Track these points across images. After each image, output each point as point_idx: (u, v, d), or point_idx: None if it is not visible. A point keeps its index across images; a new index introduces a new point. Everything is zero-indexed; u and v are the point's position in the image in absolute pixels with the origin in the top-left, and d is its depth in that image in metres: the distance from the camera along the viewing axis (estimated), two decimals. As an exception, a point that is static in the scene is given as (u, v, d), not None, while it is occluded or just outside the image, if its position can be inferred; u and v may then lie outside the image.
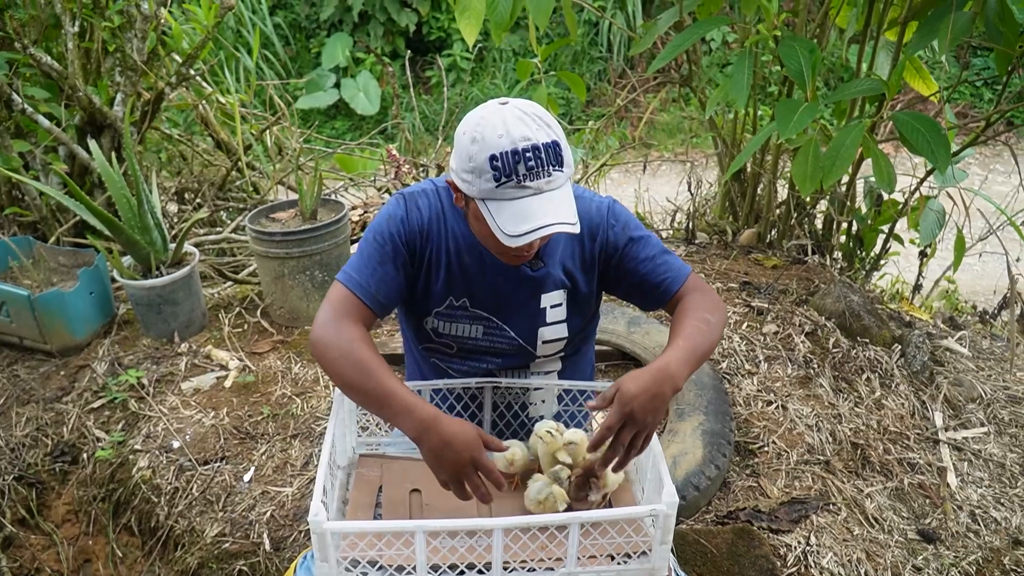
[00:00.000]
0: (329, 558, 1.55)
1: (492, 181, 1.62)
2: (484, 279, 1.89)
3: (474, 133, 1.63)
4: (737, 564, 2.31)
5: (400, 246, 1.84)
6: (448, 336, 1.97)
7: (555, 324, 1.96)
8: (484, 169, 1.62)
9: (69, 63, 3.47)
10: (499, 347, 1.98)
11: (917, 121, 2.80)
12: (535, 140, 1.62)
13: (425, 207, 1.87)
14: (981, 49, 8.20)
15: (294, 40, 9.02)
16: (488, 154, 1.61)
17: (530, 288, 1.91)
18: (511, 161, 1.61)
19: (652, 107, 4.65)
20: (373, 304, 1.81)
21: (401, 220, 1.84)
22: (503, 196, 1.63)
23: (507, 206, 1.63)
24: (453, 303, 1.91)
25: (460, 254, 1.87)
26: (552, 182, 1.64)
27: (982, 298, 4.54)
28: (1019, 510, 2.72)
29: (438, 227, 1.87)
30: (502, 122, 1.62)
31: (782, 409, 2.91)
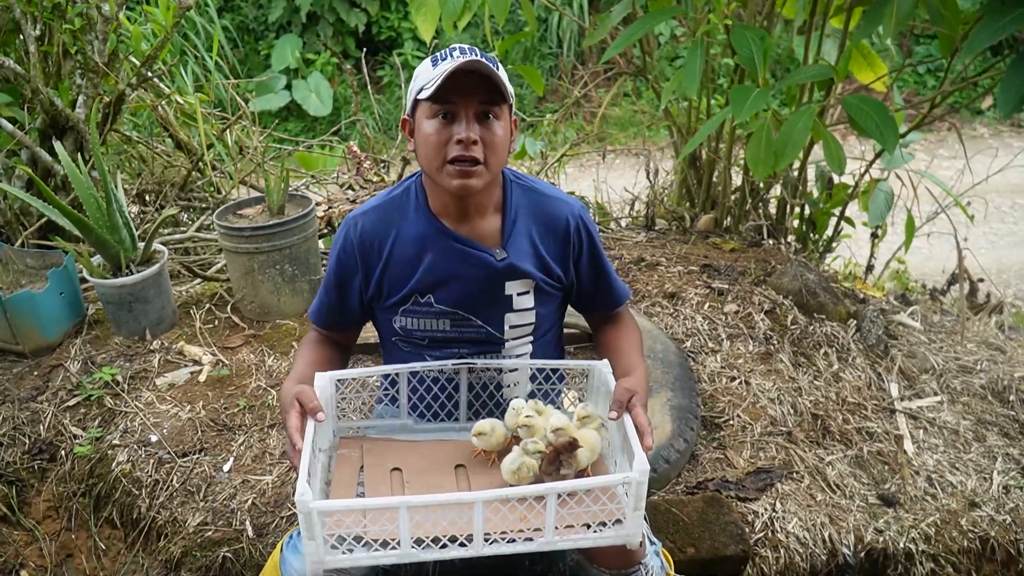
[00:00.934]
0: (316, 536, 1.59)
1: (430, 69, 1.75)
2: (449, 274, 1.94)
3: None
4: (708, 531, 2.40)
5: (352, 267, 1.98)
6: (417, 331, 2.02)
7: (522, 311, 2.02)
8: (426, 68, 1.77)
9: (30, 66, 3.47)
10: (468, 336, 2.03)
11: (865, 104, 2.91)
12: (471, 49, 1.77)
13: (373, 221, 1.97)
14: (924, 37, 8.44)
15: (242, 43, 8.97)
16: (430, 58, 1.78)
17: (493, 277, 1.96)
18: (448, 51, 1.76)
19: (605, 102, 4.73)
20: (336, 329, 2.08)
21: (347, 239, 1.97)
22: (437, 73, 1.73)
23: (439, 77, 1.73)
24: (418, 299, 1.97)
25: (422, 252, 1.94)
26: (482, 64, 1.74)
27: (931, 279, 4.69)
28: (974, 474, 2.84)
29: (394, 227, 1.96)
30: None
31: (745, 384, 3.01)
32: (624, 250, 3.87)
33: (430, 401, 2.10)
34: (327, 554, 1.63)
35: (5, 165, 3.63)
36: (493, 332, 2.02)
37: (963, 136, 3.73)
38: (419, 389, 2.08)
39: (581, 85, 5.17)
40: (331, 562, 1.64)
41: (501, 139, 1.80)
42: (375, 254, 1.94)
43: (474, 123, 1.76)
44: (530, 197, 1.99)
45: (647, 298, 3.42)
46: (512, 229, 1.96)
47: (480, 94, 1.75)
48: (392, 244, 1.93)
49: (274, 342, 3.19)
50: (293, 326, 3.29)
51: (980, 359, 3.39)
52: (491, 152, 1.79)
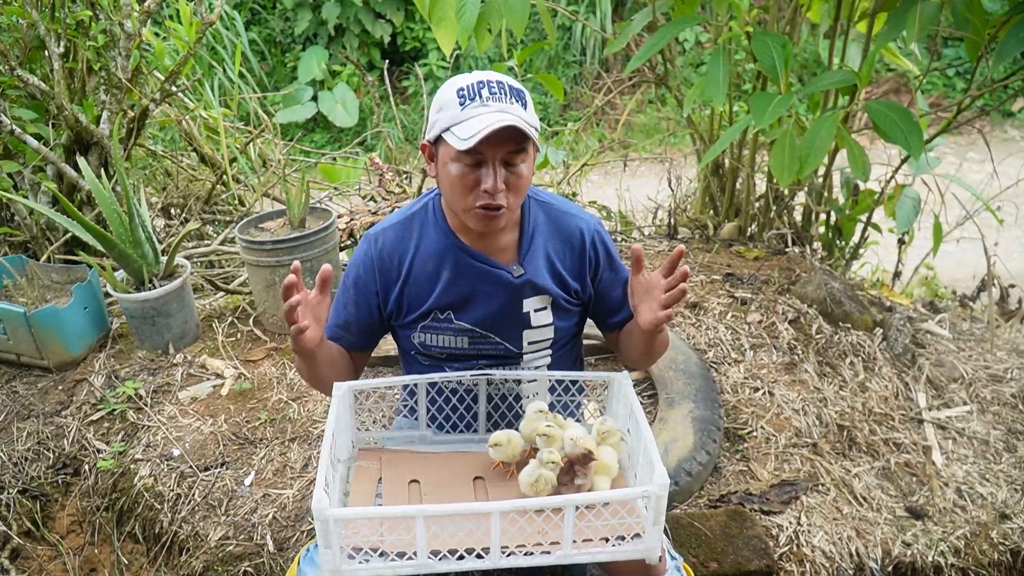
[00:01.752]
0: (332, 545, 1.59)
1: (457, 107, 1.71)
2: (468, 292, 1.95)
3: (446, 84, 1.77)
4: (731, 545, 2.37)
5: (370, 283, 1.96)
6: (436, 348, 2.03)
7: (541, 327, 2.02)
8: (451, 100, 1.72)
9: (55, 83, 3.51)
10: (486, 352, 2.03)
11: (889, 109, 2.87)
12: (500, 79, 1.74)
13: (393, 239, 1.97)
14: (953, 39, 8.35)
15: (270, 55, 9.05)
16: (455, 88, 1.73)
17: (511, 294, 1.96)
18: (475, 88, 1.72)
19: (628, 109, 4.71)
20: (350, 347, 2.02)
21: (366, 255, 1.96)
22: (466, 117, 1.71)
23: (468, 123, 1.71)
24: (438, 316, 1.97)
25: (441, 270, 1.94)
26: (514, 108, 1.73)
27: (961, 285, 4.62)
28: (1004, 485, 2.79)
29: (414, 251, 1.95)
30: (473, 73, 1.76)
31: (769, 395, 2.98)
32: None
33: (449, 412, 2.10)
34: (344, 563, 1.62)
35: (31, 181, 3.67)
36: (511, 348, 2.02)
37: (994, 139, 3.68)
38: (438, 400, 2.08)
39: (604, 93, 5.15)
40: (347, 572, 1.63)
41: (526, 179, 1.81)
42: (394, 271, 1.95)
43: (501, 169, 1.76)
44: (547, 212, 1.99)
45: (669, 308, 3.39)
46: (529, 246, 1.96)
47: (509, 144, 1.74)
48: (411, 261, 1.94)
49: (295, 355, 3.20)
50: (315, 339, 3.29)
51: (1011, 367, 3.33)
52: (515, 194, 1.80)
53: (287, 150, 4.78)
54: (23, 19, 3.57)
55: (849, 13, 3.42)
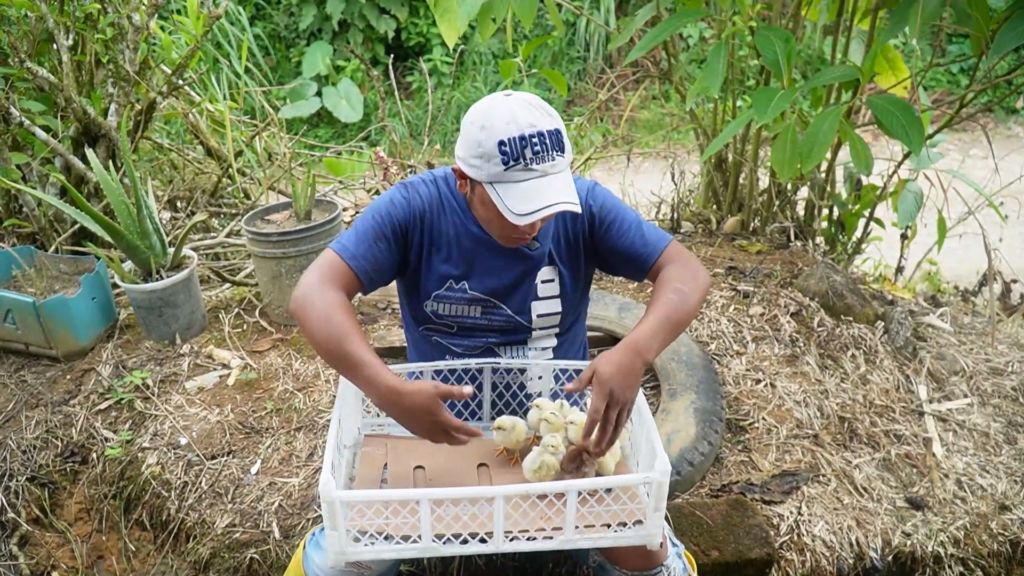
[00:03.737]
0: (338, 527, 1.62)
1: (500, 165, 1.72)
2: (483, 262, 1.98)
3: (482, 121, 1.73)
4: (732, 533, 2.39)
5: (397, 227, 1.93)
6: (448, 317, 2.05)
7: (548, 299, 2.06)
8: (493, 154, 1.71)
9: (63, 76, 3.53)
10: (497, 324, 2.06)
11: (891, 104, 2.89)
12: (540, 127, 1.72)
13: (425, 194, 1.97)
14: (957, 36, 8.35)
15: (274, 50, 9.06)
16: (496, 140, 1.71)
17: (526, 267, 2.00)
18: (518, 146, 1.71)
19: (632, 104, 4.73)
20: (361, 274, 1.89)
21: (401, 204, 1.94)
22: (511, 179, 1.73)
23: (514, 188, 1.73)
24: (452, 286, 2.00)
25: (459, 238, 1.97)
26: (556, 166, 1.75)
27: (964, 280, 4.63)
28: (1004, 477, 2.81)
29: (438, 212, 1.97)
30: (508, 110, 1.72)
31: (771, 387, 3.00)
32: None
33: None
34: (349, 546, 1.65)
35: (39, 173, 3.70)
36: (521, 321, 2.05)
37: (998, 136, 3.69)
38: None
39: (608, 88, 5.16)
40: (353, 554, 1.66)
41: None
42: (423, 221, 1.96)
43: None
44: None
45: (672, 301, 3.41)
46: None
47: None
48: (438, 221, 1.97)
49: (301, 346, 3.22)
50: (320, 330, 3.31)
51: (1011, 361, 3.35)
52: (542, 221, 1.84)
53: (292, 144, 4.80)
54: (32, 12, 3.60)
55: (851, 9, 3.43)
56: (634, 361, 1.74)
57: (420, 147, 4.99)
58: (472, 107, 1.80)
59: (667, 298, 1.85)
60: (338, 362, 1.78)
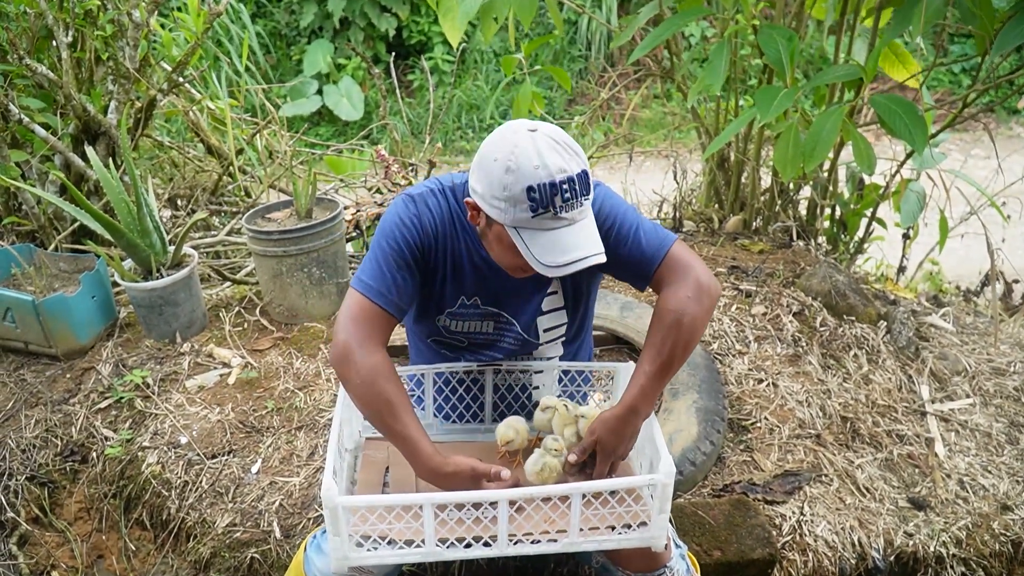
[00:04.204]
0: (341, 532, 1.61)
1: (528, 212, 1.63)
2: (495, 278, 1.93)
3: (508, 162, 1.63)
4: (735, 534, 2.39)
5: (414, 250, 1.85)
6: (459, 333, 2.02)
7: (552, 312, 2.03)
8: (520, 199, 1.63)
9: (63, 73, 3.52)
10: (507, 340, 2.04)
11: (895, 104, 2.88)
12: (570, 172, 1.63)
13: (436, 208, 1.88)
14: (959, 36, 8.34)
15: (275, 48, 9.04)
16: (525, 185, 1.61)
17: (536, 282, 1.96)
18: (548, 193, 1.62)
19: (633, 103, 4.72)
20: (394, 311, 1.83)
21: (412, 224, 1.85)
22: (538, 226, 1.65)
23: (541, 236, 1.66)
24: (465, 302, 1.97)
25: (471, 255, 1.91)
26: (583, 212, 1.68)
27: (965, 280, 4.62)
28: (1006, 477, 2.80)
29: (451, 229, 1.89)
30: (536, 152, 1.62)
31: (773, 386, 2.99)
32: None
33: (455, 402, 2.11)
34: (352, 551, 1.64)
35: (39, 170, 3.69)
36: (528, 338, 2.03)
37: (999, 136, 3.67)
38: (444, 390, 2.10)
39: (610, 87, 5.15)
40: (355, 559, 1.65)
41: None
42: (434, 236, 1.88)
43: None
44: None
45: (674, 300, 3.40)
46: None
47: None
48: (444, 240, 1.90)
49: (302, 344, 3.21)
50: (321, 328, 3.31)
51: (1014, 361, 3.34)
52: None
53: (293, 142, 4.79)
54: (31, 8, 3.58)
55: (855, 7, 3.42)
56: (634, 422, 1.81)
57: (421, 145, 4.97)
58: (493, 139, 1.69)
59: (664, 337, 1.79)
60: (381, 428, 1.79)
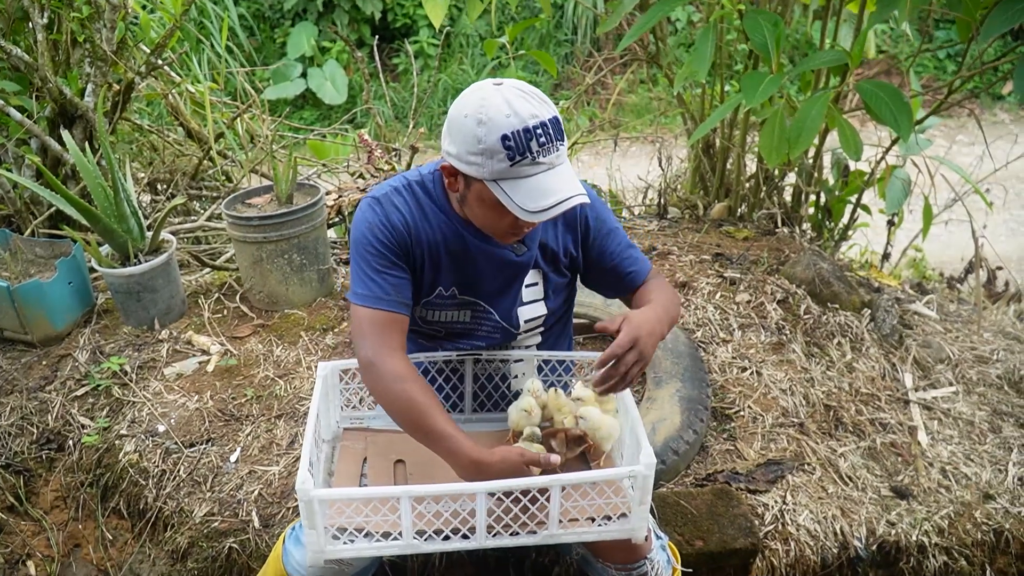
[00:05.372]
0: (317, 525, 1.59)
1: (506, 160, 1.63)
2: (471, 266, 1.92)
3: (479, 115, 1.62)
4: (717, 523, 2.38)
5: (397, 250, 1.84)
6: (437, 323, 2.01)
7: (532, 303, 2.02)
8: (496, 150, 1.62)
9: (39, 55, 3.46)
10: (484, 329, 2.02)
11: (880, 90, 2.85)
12: (542, 116, 1.64)
13: (402, 205, 1.87)
14: (944, 22, 8.33)
15: (258, 30, 8.95)
16: (499, 134, 1.61)
17: (513, 271, 1.95)
18: (523, 139, 1.62)
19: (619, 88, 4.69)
20: (400, 309, 1.84)
21: (382, 225, 1.84)
22: (518, 174, 1.64)
23: (522, 184, 1.65)
24: (442, 293, 1.95)
25: (446, 245, 1.89)
26: (560, 156, 1.68)
27: (949, 267, 4.63)
28: (988, 466, 2.80)
29: (422, 222, 1.87)
30: (505, 102, 1.62)
31: (756, 375, 2.98)
32: (636, 239, 3.83)
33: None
34: (328, 544, 1.62)
35: (15, 154, 3.63)
36: (507, 327, 2.01)
37: (984, 122, 3.66)
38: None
39: (595, 72, 5.12)
40: (332, 552, 1.63)
41: None
42: (404, 234, 1.86)
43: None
44: None
45: (658, 287, 3.39)
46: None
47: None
48: (418, 233, 1.87)
49: (282, 332, 3.18)
50: (301, 316, 3.27)
51: (997, 349, 3.34)
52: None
53: (275, 126, 4.73)
54: (6, -11, 3.52)
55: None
56: (659, 325, 1.81)
57: (405, 130, 4.93)
58: (459, 100, 1.69)
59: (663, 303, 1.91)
60: (418, 436, 1.76)
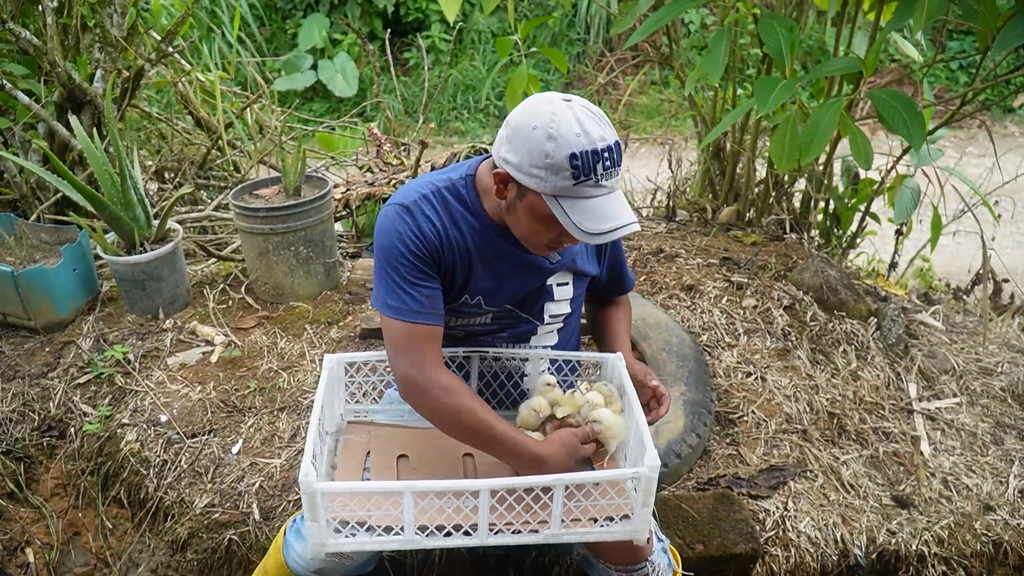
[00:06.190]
0: (319, 518, 1.58)
1: (570, 179, 1.63)
2: (503, 276, 1.91)
3: (549, 130, 1.62)
4: (718, 528, 2.37)
5: (428, 259, 1.82)
6: (457, 327, 2.00)
7: (562, 300, 2.03)
8: (562, 167, 1.62)
9: (48, 39, 3.45)
10: (507, 326, 2.03)
11: (893, 99, 2.84)
12: (608, 140, 1.64)
13: (433, 214, 1.84)
14: (957, 32, 8.31)
15: (269, 21, 8.94)
16: (568, 152, 1.61)
17: (542, 275, 1.96)
18: (591, 160, 1.62)
19: (631, 89, 4.68)
20: (435, 320, 1.82)
21: (414, 236, 1.81)
22: (579, 194, 1.65)
23: (582, 204, 1.65)
24: (468, 301, 1.94)
25: (478, 252, 1.88)
26: (617, 181, 1.70)
27: (955, 278, 4.61)
28: (990, 477, 2.79)
29: (452, 231, 1.85)
30: (576, 120, 1.63)
31: (761, 380, 2.97)
32: (644, 241, 3.82)
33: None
34: (330, 537, 1.62)
35: (22, 139, 3.62)
36: (533, 321, 2.02)
37: (993, 135, 3.64)
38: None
39: (607, 72, 5.10)
40: (333, 545, 1.63)
41: None
42: (435, 242, 1.83)
43: None
44: None
45: (664, 290, 3.38)
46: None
47: None
48: (449, 239, 1.85)
49: (287, 324, 3.18)
50: (307, 308, 3.27)
51: (1001, 361, 3.32)
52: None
53: (284, 117, 4.73)
54: (17, -27, 3.51)
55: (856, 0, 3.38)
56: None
57: (415, 125, 4.92)
58: (526, 110, 1.67)
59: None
60: (477, 443, 1.81)
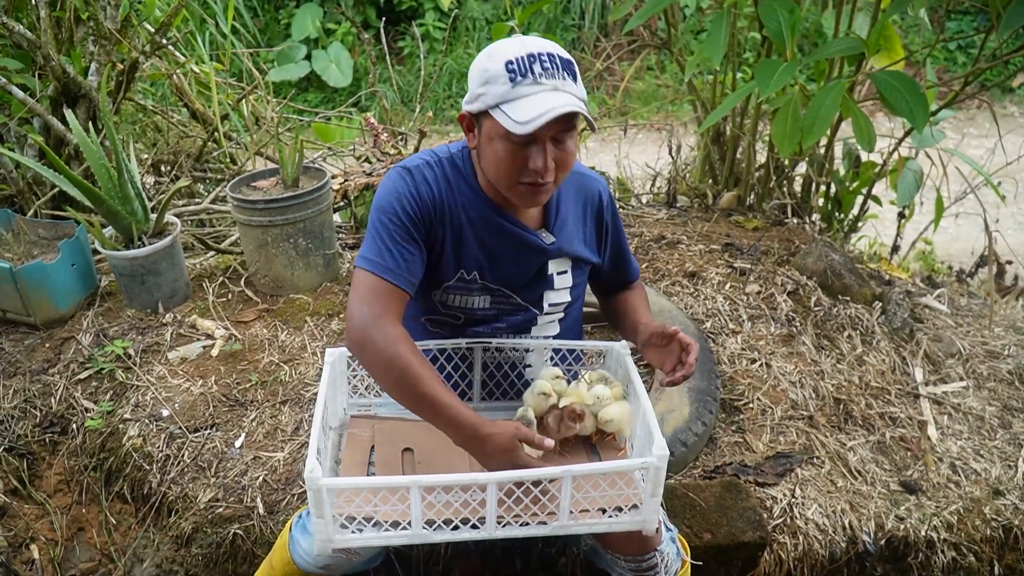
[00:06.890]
0: (325, 514, 1.56)
1: (507, 83, 1.62)
2: (497, 252, 1.89)
3: (489, 52, 1.66)
4: (725, 516, 2.35)
5: (419, 223, 1.80)
6: (456, 308, 1.97)
7: (562, 289, 2.01)
8: (499, 74, 1.63)
9: (41, 32, 3.41)
10: (505, 313, 2.00)
11: (896, 80, 2.81)
12: (550, 49, 1.66)
13: (432, 180, 1.82)
14: (956, 13, 8.26)
15: (262, 11, 8.88)
16: (504, 60, 1.63)
17: (539, 257, 1.93)
18: (526, 62, 1.62)
19: (628, 75, 4.66)
20: (406, 286, 1.77)
21: (411, 195, 1.79)
22: (518, 95, 1.63)
23: (521, 103, 1.63)
24: (464, 276, 1.91)
25: (472, 224, 1.86)
26: (566, 85, 1.66)
27: (957, 260, 4.60)
28: (998, 461, 2.78)
29: (449, 197, 1.83)
30: (518, 40, 1.67)
31: (766, 367, 2.95)
32: (645, 227, 3.80)
33: (443, 379, 2.06)
34: (336, 533, 1.60)
35: (17, 134, 3.59)
36: (532, 309, 1.99)
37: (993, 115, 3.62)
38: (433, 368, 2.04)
39: (604, 58, 5.07)
40: (340, 541, 1.61)
41: (573, 155, 1.75)
42: (434, 208, 1.82)
43: (550, 146, 1.69)
44: (568, 176, 1.91)
45: (667, 277, 3.36)
46: (557, 212, 1.93)
47: (562, 123, 1.66)
48: (448, 209, 1.84)
49: (287, 317, 3.15)
50: (307, 300, 3.25)
51: (1008, 344, 3.31)
52: (562, 170, 1.74)
53: (280, 108, 4.69)
54: (9, -35, 3.47)
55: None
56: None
57: (411, 114, 4.89)
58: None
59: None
60: (412, 405, 1.71)
